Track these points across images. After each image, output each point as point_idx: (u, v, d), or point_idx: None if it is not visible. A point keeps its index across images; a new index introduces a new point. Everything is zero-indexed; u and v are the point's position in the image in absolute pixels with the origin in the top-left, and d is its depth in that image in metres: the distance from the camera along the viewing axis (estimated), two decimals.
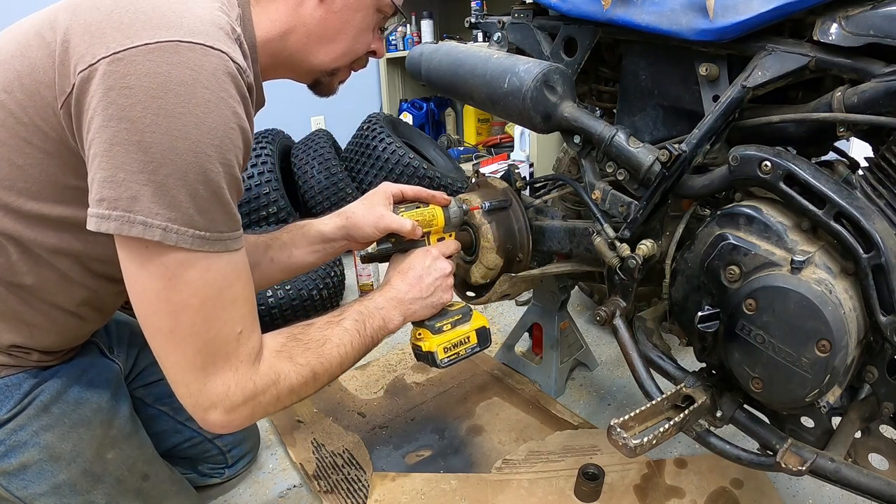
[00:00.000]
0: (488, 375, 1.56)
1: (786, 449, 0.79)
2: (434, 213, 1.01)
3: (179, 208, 0.63)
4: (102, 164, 0.61)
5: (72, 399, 0.86)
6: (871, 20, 0.72)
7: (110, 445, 0.89)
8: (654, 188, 0.90)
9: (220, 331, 0.68)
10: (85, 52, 0.63)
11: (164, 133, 0.61)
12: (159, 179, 0.61)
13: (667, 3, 0.88)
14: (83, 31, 0.64)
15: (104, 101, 0.61)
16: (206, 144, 0.63)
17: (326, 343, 0.80)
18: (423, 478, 1.20)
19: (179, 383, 0.69)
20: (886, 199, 0.74)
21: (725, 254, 0.81)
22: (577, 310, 1.91)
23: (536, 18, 1.17)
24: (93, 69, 0.61)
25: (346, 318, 0.84)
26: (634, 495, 1.14)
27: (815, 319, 0.71)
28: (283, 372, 0.74)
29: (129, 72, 0.60)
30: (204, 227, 0.65)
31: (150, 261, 0.64)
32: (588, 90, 1.21)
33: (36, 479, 0.82)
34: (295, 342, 0.78)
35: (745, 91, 0.81)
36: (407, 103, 3.62)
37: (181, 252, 0.64)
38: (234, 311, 0.70)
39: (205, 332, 0.67)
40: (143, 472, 0.94)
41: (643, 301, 1.25)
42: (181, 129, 0.61)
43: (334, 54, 0.86)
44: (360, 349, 0.84)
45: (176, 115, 0.61)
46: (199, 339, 0.67)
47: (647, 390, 0.92)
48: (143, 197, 0.61)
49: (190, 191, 0.63)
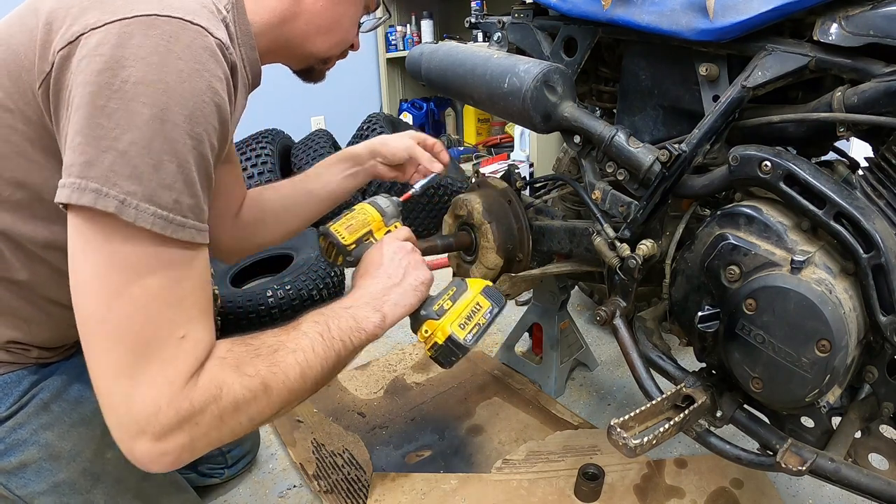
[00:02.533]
0: (488, 375, 1.56)
1: (786, 449, 0.79)
2: (365, 210, 0.96)
3: (141, 180, 0.57)
4: (69, 132, 0.59)
5: (72, 397, 0.85)
6: (871, 20, 0.72)
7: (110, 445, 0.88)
8: (654, 188, 0.90)
9: (158, 330, 0.59)
10: (65, 32, 0.62)
11: (130, 99, 0.58)
12: (121, 147, 0.57)
13: (667, 3, 0.88)
14: (65, 14, 0.63)
15: (76, 70, 0.59)
16: (174, 113, 0.59)
17: (280, 349, 0.67)
18: (423, 478, 1.20)
19: (103, 393, 0.59)
20: (886, 199, 0.74)
21: (725, 254, 0.81)
22: (577, 310, 1.91)
23: (536, 18, 1.18)
24: (72, 46, 0.60)
25: (302, 322, 0.72)
26: (634, 495, 1.14)
27: (815, 319, 0.71)
28: (227, 383, 0.62)
29: (102, 41, 0.59)
30: (167, 207, 0.59)
31: (96, 234, 0.58)
32: (588, 90, 1.21)
33: (35, 478, 0.82)
34: (243, 347, 0.66)
35: (745, 91, 0.81)
36: (407, 103, 3.63)
37: (136, 230, 0.57)
38: (180, 312, 0.61)
39: (141, 328, 0.58)
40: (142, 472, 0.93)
41: (643, 301, 1.25)
42: (150, 96, 0.58)
43: (330, 43, 0.89)
44: (328, 356, 0.70)
45: (145, 83, 0.58)
46: (132, 336, 0.58)
47: (647, 390, 0.92)
48: (100, 163, 0.57)
49: (154, 161, 0.58)
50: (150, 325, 0.59)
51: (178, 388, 0.59)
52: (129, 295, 0.58)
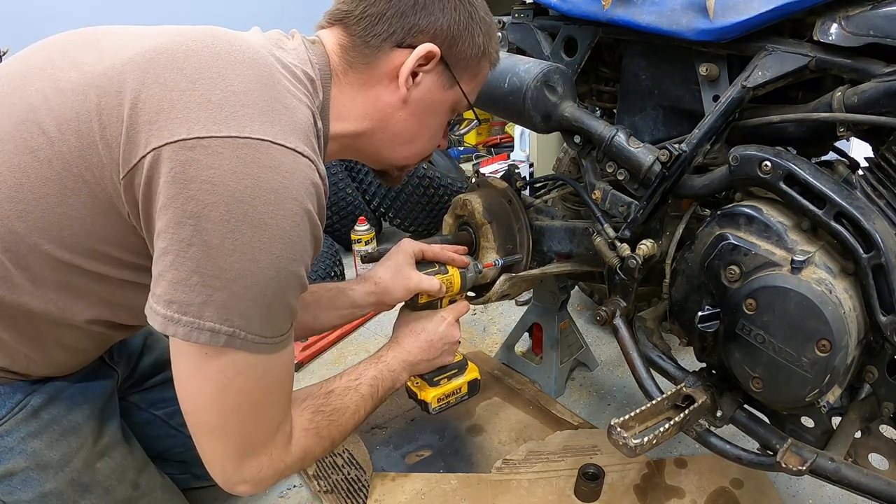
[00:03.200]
0: (488, 375, 1.56)
1: (786, 449, 0.79)
2: (452, 279, 1.03)
3: (251, 320, 0.61)
4: (176, 264, 0.58)
5: (63, 405, 0.83)
6: (871, 20, 0.72)
7: (100, 455, 0.87)
8: (655, 188, 0.90)
9: (262, 426, 0.70)
10: (162, 125, 0.57)
11: (247, 242, 0.57)
12: (236, 290, 0.59)
13: (667, 3, 0.88)
14: (161, 96, 0.58)
15: (183, 193, 0.56)
16: (287, 260, 0.61)
17: (345, 412, 0.82)
18: (423, 478, 1.20)
19: (216, 465, 0.70)
20: (886, 199, 0.74)
21: (725, 254, 0.81)
22: (577, 310, 1.91)
23: (536, 18, 1.18)
24: (170, 149, 0.56)
25: (362, 384, 0.87)
26: (634, 495, 1.14)
27: (816, 319, 0.71)
28: (310, 448, 0.77)
29: (213, 164, 0.56)
30: (270, 334, 0.64)
31: (208, 364, 0.63)
32: (588, 90, 1.21)
33: (22, 487, 0.80)
34: (320, 416, 0.79)
35: (745, 91, 0.81)
36: None
37: (242, 355, 0.63)
38: (277, 410, 0.71)
39: (250, 428, 0.68)
40: (133, 482, 0.90)
41: (643, 301, 1.25)
42: (266, 242, 0.58)
43: (409, 153, 0.87)
44: (371, 411, 0.88)
45: (262, 226, 0.58)
46: (242, 435, 0.68)
47: (647, 390, 0.92)
48: (214, 303, 0.59)
49: (265, 305, 0.62)
50: (257, 425, 0.69)
51: (276, 456, 0.72)
52: (239, 408, 0.66)
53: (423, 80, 0.78)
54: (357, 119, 0.78)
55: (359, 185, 2.34)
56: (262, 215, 0.58)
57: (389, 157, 0.86)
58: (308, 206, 0.62)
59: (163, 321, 0.60)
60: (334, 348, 1.72)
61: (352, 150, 0.84)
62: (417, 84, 0.78)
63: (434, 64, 0.77)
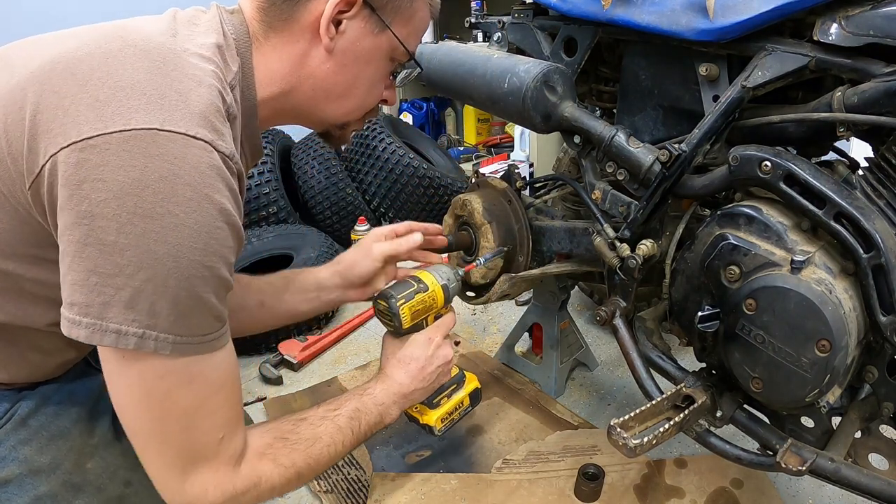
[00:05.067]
0: (488, 375, 1.56)
1: (786, 449, 0.79)
2: (435, 294, 0.95)
3: (158, 315, 0.59)
4: (74, 265, 0.57)
5: (50, 411, 0.83)
6: (871, 20, 0.72)
7: (90, 455, 0.86)
8: (654, 188, 0.90)
9: (200, 436, 0.67)
10: (57, 132, 0.57)
11: (140, 235, 0.56)
12: (136, 285, 0.57)
13: (667, 3, 0.88)
14: (56, 104, 0.58)
15: (77, 194, 0.56)
16: (187, 248, 0.58)
17: (317, 443, 0.78)
18: (423, 478, 1.20)
19: (158, 479, 0.68)
20: (886, 199, 0.74)
21: (725, 254, 0.81)
22: (577, 310, 1.91)
23: (536, 18, 1.18)
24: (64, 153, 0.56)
25: (341, 415, 0.82)
26: (634, 495, 1.14)
27: (815, 319, 0.71)
28: (266, 474, 0.72)
29: (102, 162, 0.55)
30: (186, 333, 0.61)
31: (128, 368, 0.61)
32: (588, 90, 1.21)
33: (17, 493, 0.80)
34: (282, 443, 0.75)
35: (745, 91, 0.81)
36: (407, 103, 3.62)
37: (160, 359, 0.61)
38: (216, 418, 0.68)
39: (185, 436, 0.66)
40: (125, 479, 0.90)
41: (643, 301, 1.25)
42: (159, 232, 0.57)
43: (344, 109, 0.81)
44: (352, 446, 0.82)
45: (153, 216, 0.56)
46: (178, 444, 0.66)
47: (647, 390, 0.92)
48: (116, 303, 0.57)
49: (170, 298, 0.59)
50: (192, 436, 0.66)
51: (222, 475, 0.69)
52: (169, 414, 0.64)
53: (347, 27, 0.74)
54: (283, 79, 0.76)
55: (359, 185, 2.34)
56: (152, 205, 0.56)
57: (325, 114, 0.81)
58: (206, 192, 0.59)
59: (67, 325, 0.59)
60: (334, 348, 1.72)
61: (287, 114, 0.81)
62: (342, 33, 0.74)
63: (357, 9, 0.73)
